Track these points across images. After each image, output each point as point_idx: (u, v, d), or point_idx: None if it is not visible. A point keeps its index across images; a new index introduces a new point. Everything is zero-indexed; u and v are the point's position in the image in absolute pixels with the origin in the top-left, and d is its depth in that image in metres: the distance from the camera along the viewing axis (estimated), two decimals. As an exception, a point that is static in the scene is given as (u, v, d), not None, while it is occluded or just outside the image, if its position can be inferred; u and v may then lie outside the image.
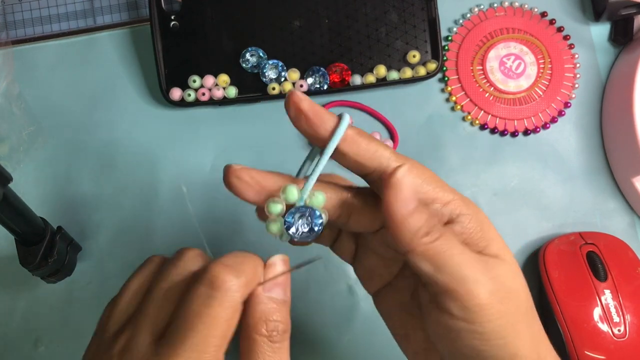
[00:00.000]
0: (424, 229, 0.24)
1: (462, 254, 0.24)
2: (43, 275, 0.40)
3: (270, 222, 0.27)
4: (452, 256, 0.24)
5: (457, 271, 0.24)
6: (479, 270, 0.24)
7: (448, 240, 0.24)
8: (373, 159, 0.25)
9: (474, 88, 0.45)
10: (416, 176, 0.25)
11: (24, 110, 0.45)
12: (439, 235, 0.24)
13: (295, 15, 0.45)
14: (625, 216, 0.44)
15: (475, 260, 0.24)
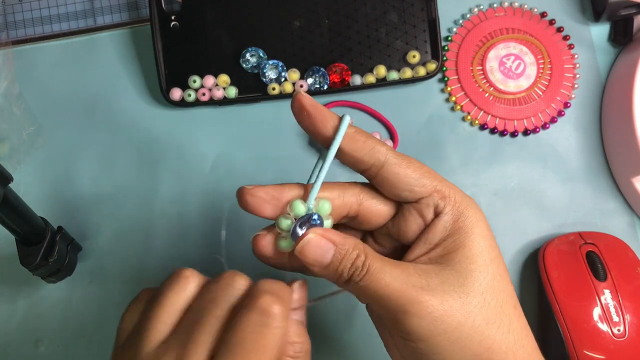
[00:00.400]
0: (344, 274, 0.26)
1: (387, 287, 0.25)
2: (43, 275, 0.40)
3: (280, 239, 0.27)
4: (380, 290, 0.26)
5: (387, 304, 0.26)
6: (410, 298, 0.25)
7: (375, 274, 0.26)
8: (370, 155, 0.27)
9: (474, 88, 0.45)
10: (413, 171, 0.27)
11: (24, 110, 0.45)
12: (364, 273, 0.26)
13: (295, 15, 0.45)
14: (625, 216, 0.44)
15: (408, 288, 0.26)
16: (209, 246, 0.44)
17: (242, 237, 0.44)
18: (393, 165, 0.27)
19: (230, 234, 0.44)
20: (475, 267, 0.26)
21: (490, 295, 0.26)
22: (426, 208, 0.27)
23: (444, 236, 0.27)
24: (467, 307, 0.25)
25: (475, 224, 0.27)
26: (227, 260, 0.44)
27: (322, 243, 0.26)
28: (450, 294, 0.25)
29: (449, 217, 0.27)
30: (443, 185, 0.27)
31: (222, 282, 0.26)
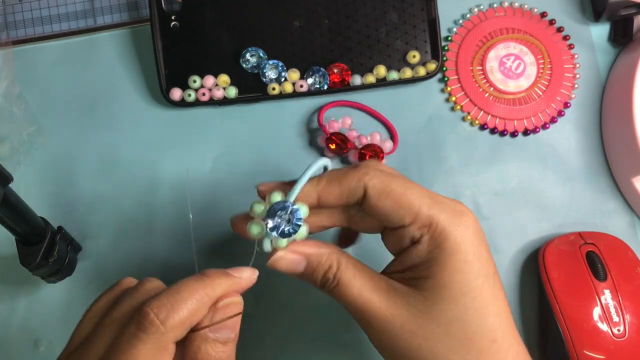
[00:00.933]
0: (317, 282, 0.28)
1: (355, 300, 0.27)
2: (43, 275, 0.40)
3: (252, 223, 0.28)
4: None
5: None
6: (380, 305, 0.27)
7: (344, 287, 0.28)
8: (349, 198, 0.28)
9: (474, 88, 0.45)
10: (391, 202, 0.27)
11: (24, 110, 0.45)
12: (335, 284, 0.28)
13: (295, 15, 0.45)
14: (625, 216, 0.44)
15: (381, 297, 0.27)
16: (209, 246, 0.44)
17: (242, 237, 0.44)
18: (371, 198, 0.27)
19: (231, 233, 0.44)
20: (443, 298, 0.26)
21: (457, 327, 0.26)
22: (403, 237, 0.27)
23: (417, 263, 0.27)
24: (428, 334, 0.26)
25: (452, 254, 0.26)
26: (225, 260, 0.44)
27: (292, 259, 0.28)
28: (414, 317, 0.26)
29: (423, 247, 0.27)
30: (428, 212, 0.26)
31: (135, 285, 0.27)
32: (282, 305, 0.43)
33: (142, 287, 0.27)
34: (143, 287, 0.27)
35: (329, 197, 0.28)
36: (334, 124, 0.44)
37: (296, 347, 0.43)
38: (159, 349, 0.24)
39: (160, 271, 0.44)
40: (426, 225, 0.26)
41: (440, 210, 0.26)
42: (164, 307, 0.24)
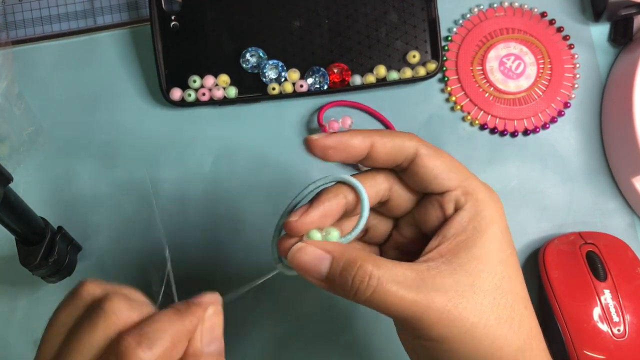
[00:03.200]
0: (348, 287, 0.25)
1: (401, 300, 0.25)
2: (43, 275, 0.40)
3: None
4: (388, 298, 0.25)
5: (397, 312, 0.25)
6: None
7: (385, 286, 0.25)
8: (400, 153, 0.27)
9: (474, 88, 0.45)
10: (442, 163, 0.27)
11: (24, 110, 0.45)
12: (375, 285, 0.25)
13: (295, 15, 0.45)
14: (625, 216, 0.44)
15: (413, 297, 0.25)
16: (209, 245, 0.44)
17: (242, 236, 0.44)
18: (423, 157, 0.27)
19: (230, 233, 0.44)
20: (483, 268, 0.26)
21: (499, 295, 0.26)
22: (448, 202, 0.27)
23: (459, 232, 0.27)
24: (479, 307, 0.25)
25: (490, 224, 0.27)
26: (225, 260, 0.44)
27: (315, 252, 0.26)
28: (464, 295, 0.25)
29: (466, 214, 0.27)
30: (469, 182, 0.27)
31: (96, 305, 0.24)
32: (282, 305, 0.43)
33: (110, 307, 0.24)
34: (112, 306, 0.24)
35: (381, 150, 0.27)
36: (334, 124, 0.44)
37: (296, 347, 0.43)
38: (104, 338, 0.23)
39: (160, 271, 0.44)
40: (470, 193, 0.27)
41: (478, 182, 0.28)
42: (145, 339, 0.23)
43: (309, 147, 0.27)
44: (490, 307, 0.25)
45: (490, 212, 0.27)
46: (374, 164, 0.28)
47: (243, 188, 0.45)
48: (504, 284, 0.26)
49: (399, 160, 0.27)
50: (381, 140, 0.27)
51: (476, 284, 0.26)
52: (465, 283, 0.25)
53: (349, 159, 0.27)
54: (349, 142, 0.27)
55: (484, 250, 0.26)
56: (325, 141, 0.27)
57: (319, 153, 0.27)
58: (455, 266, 0.26)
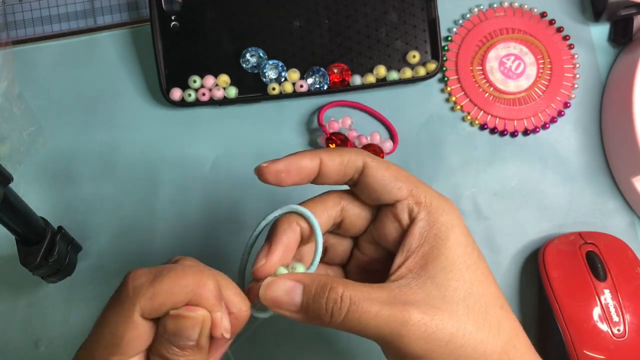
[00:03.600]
0: (323, 312, 0.25)
1: (377, 316, 0.25)
2: (43, 275, 0.40)
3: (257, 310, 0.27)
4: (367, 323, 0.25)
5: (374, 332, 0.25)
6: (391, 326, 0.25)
7: (360, 305, 0.25)
8: (349, 168, 0.28)
9: (474, 88, 0.45)
10: (390, 174, 0.28)
11: (24, 110, 0.45)
12: (348, 306, 0.25)
13: (295, 15, 0.45)
14: (625, 216, 0.44)
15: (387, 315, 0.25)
16: (209, 245, 0.44)
17: (242, 236, 0.44)
18: (371, 169, 0.28)
19: (230, 233, 0.44)
20: (452, 277, 0.26)
21: (472, 301, 0.26)
22: (401, 212, 0.28)
23: (421, 242, 0.27)
24: (454, 317, 0.25)
25: (450, 230, 0.27)
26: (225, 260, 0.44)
27: (286, 284, 0.26)
28: (437, 307, 0.25)
29: (424, 223, 0.27)
30: (419, 190, 0.28)
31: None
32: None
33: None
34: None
35: (330, 166, 0.28)
36: (334, 124, 0.44)
37: (295, 347, 0.43)
38: (124, 316, 0.24)
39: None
40: (421, 201, 0.27)
41: (429, 190, 0.28)
42: (144, 276, 0.24)
43: (260, 175, 0.28)
44: (466, 314, 0.25)
45: (447, 217, 0.27)
46: (327, 181, 0.28)
47: (243, 188, 0.45)
48: (475, 289, 0.26)
49: (350, 174, 0.28)
50: (329, 157, 0.28)
51: (447, 295, 0.26)
52: (437, 295, 0.26)
53: (302, 180, 0.28)
54: (299, 164, 0.28)
55: (450, 259, 0.26)
56: (276, 166, 0.27)
57: (272, 179, 0.28)
58: (425, 279, 0.26)
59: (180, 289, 0.24)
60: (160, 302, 0.24)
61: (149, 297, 0.24)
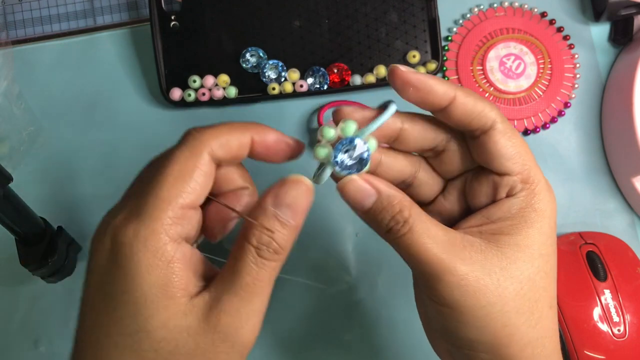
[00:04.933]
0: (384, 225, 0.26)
1: (427, 251, 0.25)
2: (43, 275, 0.40)
3: (319, 146, 0.27)
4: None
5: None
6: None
7: (417, 234, 0.25)
8: (478, 119, 0.26)
9: (474, 88, 0.45)
10: (513, 145, 0.26)
11: (24, 110, 0.45)
12: (406, 231, 0.25)
13: (295, 15, 0.45)
14: (625, 216, 0.44)
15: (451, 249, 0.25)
16: (209, 244, 0.44)
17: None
18: (497, 133, 0.26)
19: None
20: (522, 257, 0.25)
21: (527, 287, 0.25)
22: (504, 185, 0.27)
23: (504, 217, 0.26)
24: (501, 291, 0.25)
25: (540, 218, 0.26)
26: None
27: (364, 187, 0.26)
28: (489, 274, 0.25)
29: (518, 202, 0.26)
30: (532, 170, 0.27)
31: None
32: (282, 304, 0.43)
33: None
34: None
35: (459, 108, 0.26)
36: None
37: (296, 346, 0.43)
38: (194, 154, 0.25)
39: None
40: (528, 182, 0.26)
41: (540, 173, 0.27)
42: (204, 127, 0.26)
43: (391, 76, 0.26)
44: (514, 294, 0.25)
45: (543, 206, 0.26)
46: (448, 120, 0.27)
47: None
48: (538, 278, 0.26)
49: (473, 127, 0.26)
50: (463, 99, 0.26)
51: (507, 269, 0.25)
52: (496, 264, 0.25)
53: (424, 104, 0.27)
54: (433, 87, 0.26)
55: (527, 241, 0.26)
56: (410, 77, 0.26)
57: (399, 86, 0.27)
58: (492, 246, 0.26)
59: (240, 136, 0.27)
60: (225, 140, 0.26)
61: (215, 136, 0.26)
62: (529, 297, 0.25)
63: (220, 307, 0.24)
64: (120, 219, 0.24)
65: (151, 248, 0.23)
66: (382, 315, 0.43)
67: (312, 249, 0.44)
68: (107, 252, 0.24)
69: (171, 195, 0.24)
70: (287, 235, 0.25)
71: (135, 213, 0.24)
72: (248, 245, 0.24)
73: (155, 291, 0.23)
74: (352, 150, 0.26)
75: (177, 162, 0.25)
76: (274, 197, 0.25)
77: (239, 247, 0.25)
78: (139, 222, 0.23)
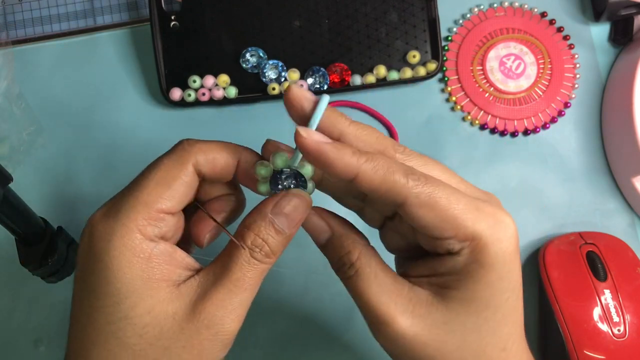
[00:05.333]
0: (333, 264, 0.27)
1: (370, 298, 0.25)
2: (43, 275, 0.40)
3: (259, 183, 0.28)
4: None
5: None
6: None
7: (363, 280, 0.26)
8: (388, 196, 0.24)
9: (474, 88, 0.45)
10: (436, 216, 0.24)
11: (24, 110, 0.45)
12: (353, 273, 0.26)
13: (295, 15, 0.45)
14: (625, 216, 0.44)
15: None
16: (209, 246, 0.44)
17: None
18: (412, 207, 0.24)
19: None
20: (467, 310, 0.25)
21: (472, 339, 0.25)
22: (441, 246, 0.25)
23: (450, 272, 0.25)
24: (442, 345, 0.25)
25: (487, 270, 0.24)
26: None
27: (318, 224, 0.27)
28: (429, 329, 0.25)
29: (462, 259, 0.25)
30: (470, 227, 0.24)
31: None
32: (282, 304, 0.43)
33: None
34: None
35: (367, 180, 0.24)
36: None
37: (296, 346, 0.43)
38: (179, 163, 0.26)
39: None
40: (468, 239, 0.24)
41: (484, 223, 0.24)
42: (197, 140, 0.27)
43: (295, 137, 0.26)
44: (455, 348, 0.25)
45: (492, 256, 0.24)
46: (360, 187, 0.25)
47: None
48: (485, 328, 0.25)
49: (385, 202, 0.25)
50: (369, 175, 0.24)
51: (450, 323, 0.25)
52: (439, 319, 0.25)
53: (326, 173, 0.26)
54: (333, 162, 0.24)
55: (474, 295, 0.25)
56: (309, 145, 0.25)
57: (302, 152, 0.26)
58: (438, 300, 0.25)
59: (227, 153, 0.27)
60: (212, 157, 0.27)
61: (203, 151, 0.27)
62: (473, 348, 0.25)
63: (208, 296, 0.25)
64: (99, 216, 0.26)
65: (129, 245, 0.25)
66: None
67: (312, 249, 0.44)
68: (85, 245, 0.26)
69: (149, 199, 0.25)
70: (280, 243, 0.26)
71: (113, 211, 0.26)
72: (243, 244, 0.26)
73: (139, 283, 0.24)
74: (287, 179, 0.27)
75: (161, 169, 0.26)
76: (274, 206, 0.26)
77: (232, 245, 0.26)
78: (115, 220, 0.25)
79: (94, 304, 0.25)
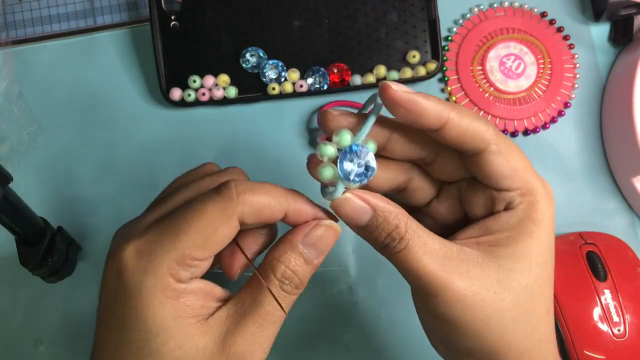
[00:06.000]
0: (379, 241, 0.26)
1: (423, 268, 0.25)
2: (43, 275, 0.40)
3: (322, 167, 0.25)
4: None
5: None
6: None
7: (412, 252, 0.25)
8: (472, 141, 0.25)
9: (474, 88, 0.45)
10: (509, 167, 0.26)
11: (24, 110, 0.45)
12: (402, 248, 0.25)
13: (295, 15, 0.45)
14: (625, 216, 0.44)
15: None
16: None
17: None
18: (490, 155, 0.25)
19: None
20: (519, 267, 0.25)
21: (524, 297, 0.25)
22: (501, 200, 0.26)
23: (503, 229, 0.26)
24: (499, 303, 0.25)
25: (537, 226, 0.26)
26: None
27: (359, 205, 0.26)
28: (486, 288, 0.25)
29: (517, 214, 0.26)
30: (531, 183, 0.26)
31: (214, 170, 0.31)
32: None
33: (227, 172, 0.30)
34: (228, 171, 0.30)
35: (453, 129, 0.25)
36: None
37: (296, 346, 0.43)
38: (224, 214, 0.25)
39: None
40: (528, 194, 0.26)
41: (539, 181, 0.27)
42: (245, 185, 0.25)
43: (382, 94, 0.25)
44: (511, 306, 0.25)
45: (541, 215, 0.26)
46: (441, 140, 0.26)
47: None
48: (535, 286, 0.26)
49: (466, 148, 0.26)
50: (457, 121, 0.25)
51: (504, 281, 0.25)
52: (493, 277, 0.25)
53: (416, 125, 0.26)
54: (424, 110, 0.25)
55: (525, 251, 0.26)
56: (400, 97, 0.25)
57: (389, 105, 0.25)
58: (490, 258, 0.25)
59: (276, 204, 0.26)
60: (258, 213, 0.25)
61: (250, 203, 0.25)
62: (525, 306, 0.25)
63: (237, 331, 0.25)
64: (131, 252, 0.25)
65: (160, 287, 0.24)
66: (381, 315, 0.43)
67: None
68: (114, 277, 0.25)
69: (187, 248, 0.25)
70: (308, 272, 0.26)
71: (147, 251, 0.25)
72: (272, 277, 0.26)
73: (169, 322, 0.24)
74: (356, 158, 0.25)
75: (204, 218, 0.25)
76: (304, 236, 0.26)
77: (263, 276, 0.26)
78: (148, 261, 0.24)
79: (123, 336, 0.25)
